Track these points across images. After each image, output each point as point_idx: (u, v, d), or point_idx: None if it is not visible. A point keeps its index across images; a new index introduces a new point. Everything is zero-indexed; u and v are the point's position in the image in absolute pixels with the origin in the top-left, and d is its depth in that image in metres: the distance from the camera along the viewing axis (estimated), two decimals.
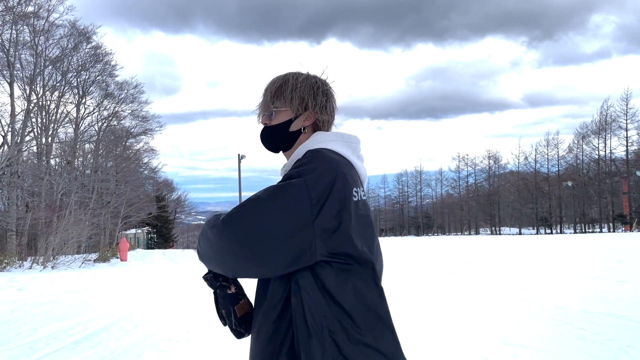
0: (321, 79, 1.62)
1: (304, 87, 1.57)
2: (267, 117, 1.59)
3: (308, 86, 1.58)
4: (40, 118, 28.52)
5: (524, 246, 21.04)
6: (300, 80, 1.58)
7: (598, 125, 53.31)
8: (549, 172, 60.20)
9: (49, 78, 28.42)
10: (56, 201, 23.63)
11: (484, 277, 10.71)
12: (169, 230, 44.47)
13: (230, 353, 4.99)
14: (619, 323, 5.78)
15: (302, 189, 1.31)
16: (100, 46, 30.45)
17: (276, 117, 1.57)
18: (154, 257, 24.13)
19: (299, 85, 1.57)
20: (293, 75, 1.59)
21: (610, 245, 18.29)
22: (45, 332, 6.15)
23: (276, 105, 1.57)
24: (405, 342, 1.74)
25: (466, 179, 73.03)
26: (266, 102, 1.59)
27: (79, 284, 11.54)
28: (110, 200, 31.23)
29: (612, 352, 4.61)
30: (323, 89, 1.60)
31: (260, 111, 1.62)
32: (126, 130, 35.36)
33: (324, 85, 1.61)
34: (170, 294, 9.77)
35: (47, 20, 26.14)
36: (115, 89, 33.07)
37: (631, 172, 50.50)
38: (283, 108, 1.56)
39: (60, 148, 30.79)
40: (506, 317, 6.37)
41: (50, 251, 19.26)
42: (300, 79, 1.58)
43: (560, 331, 5.53)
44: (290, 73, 1.61)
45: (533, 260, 14.03)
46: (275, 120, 1.57)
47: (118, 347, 5.34)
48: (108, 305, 8.34)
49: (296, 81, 1.57)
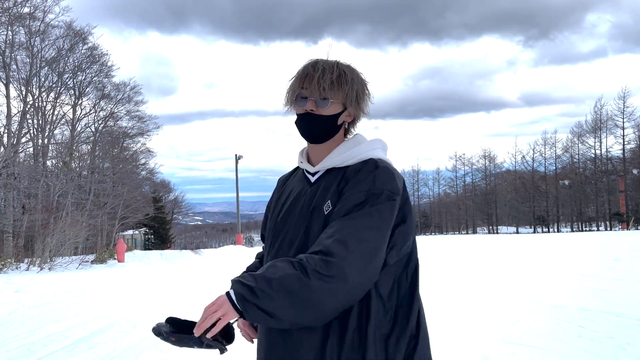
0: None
1: (359, 83, 1.54)
2: (317, 104, 1.49)
3: (362, 82, 1.55)
4: (37, 119, 28.43)
5: (521, 245, 21.07)
6: (356, 74, 1.54)
7: (593, 124, 53.46)
8: (546, 170, 60.36)
9: (45, 79, 28.34)
10: (53, 202, 23.57)
11: (482, 275, 10.72)
12: (166, 231, 44.39)
13: (229, 353, 4.98)
14: (618, 321, 5.78)
15: (395, 207, 1.38)
16: (97, 47, 30.39)
17: (330, 107, 1.51)
18: (152, 258, 24.06)
19: (356, 79, 1.53)
20: (348, 67, 1.53)
21: (608, 243, 18.33)
22: (43, 334, 6.12)
23: (332, 95, 1.49)
24: None
25: (463, 178, 73.19)
26: (319, 89, 1.47)
27: (76, 285, 11.50)
28: (107, 202, 31.15)
29: (611, 350, 4.62)
30: (368, 88, 1.58)
31: (307, 95, 1.50)
32: (123, 131, 35.29)
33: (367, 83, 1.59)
34: (168, 295, 9.75)
35: (43, 22, 26.07)
36: (111, 89, 33.02)
37: (628, 170, 50.65)
38: (337, 100, 1.51)
39: (56, 149, 30.71)
40: (505, 316, 6.37)
41: (47, 253, 19.20)
42: (355, 73, 1.54)
43: (559, 329, 5.53)
44: (341, 62, 1.53)
45: (531, 259, 14.06)
46: (328, 111, 1.50)
47: (116, 348, 5.32)
48: (106, 306, 8.31)
49: (353, 74, 1.53)
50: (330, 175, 1.52)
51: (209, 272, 15.53)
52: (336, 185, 1.47)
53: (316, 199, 1.48)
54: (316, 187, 1.52)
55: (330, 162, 1.52)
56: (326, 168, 1.53)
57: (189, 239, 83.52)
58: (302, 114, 1.52)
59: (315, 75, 1.47)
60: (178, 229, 70.47)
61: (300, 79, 1.51)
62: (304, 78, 1.50)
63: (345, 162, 1.50)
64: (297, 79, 1.52)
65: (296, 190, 1.59)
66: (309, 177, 1.57)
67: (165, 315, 1.46)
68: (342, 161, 1.50)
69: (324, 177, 1.53)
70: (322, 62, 1.51)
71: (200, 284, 11.67)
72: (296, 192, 1.57)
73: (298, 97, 1.52)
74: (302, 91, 1.50)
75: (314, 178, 1.55)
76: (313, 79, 1.47)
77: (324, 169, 1.54)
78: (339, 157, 1.51)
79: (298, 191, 1.57)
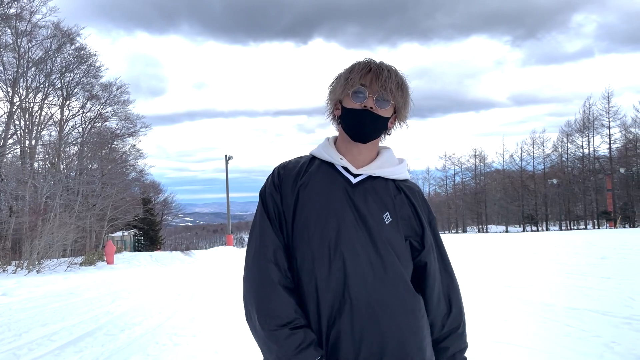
0: None
1: (409, 93, 1.56)
2: (376, 103, 1.48)
3: (410, 94, 1.56)
4: (24, 120, 28.12)
5: (510, 244, 21.20)
6: (408, 85, 1.56)
7: (581, 123, 53.95)
8: (534, 170, 60.76)
9: (32, 80, 28.04)
10: (40, 204, 23.32)
11: (471, 274, 10.77)
12: (156, 232, 44.06)
13: (218, 356, 4.96)
14: (604, 319, 5.83)
15: None
16: (84, 47, 30.13)
17: (388, 109, 1.51)
18: (141, 259, 23.92)
19: (408, 89, 1.55)
20: (403, 75, 1.54)
21: (595, 241, 18.50)
22: (29, 338, 6.06)
23: (394, 98, 1.50)
24: None
25: (453, 178, 73.46)
26: (385, 88, 1.47)
27: (64, 288, 11.39)
28: (96, 203, 30.88)
29: (598, 349, 4.66)
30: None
31: (368, 92, 1.48)
32: (111, 132, 35.02)
33: None
34: (157, 297, 9.69)
35: (30, 22, 25.80)
36: (99, 90, 32.75)
37: (615, 169, 51.14)
38: (393, 102, 1.51)
39: (44, 151, 30.41)
40: (493, 315, 6.40)
41: (35, 255, 19.01)
42: (407, 84, 1.55)
43: (547, 328, 5.57)
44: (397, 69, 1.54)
45: (520, 258, 14.15)
46: (386, 112, 1.51)
47: (104, 352, 5.27)
48: (94, 309, 8.25)
49: (407, 83, 1.55)
50: (376, 182, 1.52)
51: (199, 273, 15.47)
52: (391, 197, 1.51)
53: (370, 206, 1.47)
54: (361, 190, 1.49)
55: (381, 172, 1.53)
56: (374, 175, 1.53)
57: (179, 240, 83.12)
58: (359, 110, 1.48)
59: (382, 75, 1.47)
60: (168, 230, 70.06)
61: (363, 74, 1.48)
62: (367, 74, 1.48)
63: (392, 175, 1.54)
64: (357, 73, 1.49)
65: (335, 189, 1.49)
66: (349, 177, 1.52)
67: (152, 319, 1.44)
68: (390, 174, 1.53)
69: (368, 181, 1.51)
70: (385, 64, 1.51)
71: (190, 286, 11.62)
72: (340, 193, 1.49)
73: (356, 92, 1.48)
74: (361, 87, 1.48)
75: (355, 179, 1.51)
76: (380, 78, 1.47)
77: (369, 174, 1.53)
78: (390, 169, 1.54)
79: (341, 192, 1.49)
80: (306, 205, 1.48)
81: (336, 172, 1.52)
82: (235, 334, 5.70)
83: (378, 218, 1.45)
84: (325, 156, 1.55)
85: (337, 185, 1.49)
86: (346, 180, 1.50)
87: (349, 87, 1.48)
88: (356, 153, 1.53)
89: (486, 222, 66.57)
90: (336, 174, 1.52)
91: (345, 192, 1.48)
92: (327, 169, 1.53)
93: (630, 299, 6.93)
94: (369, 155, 1.55)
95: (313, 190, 1.49)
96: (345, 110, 1.51)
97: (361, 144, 1.52)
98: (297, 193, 1.50)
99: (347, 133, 1.52)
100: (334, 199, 1.47)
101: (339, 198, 1.47)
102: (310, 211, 1.47)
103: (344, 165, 1.52)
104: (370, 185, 1.50)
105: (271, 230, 1.49)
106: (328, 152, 1.55)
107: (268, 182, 1.57)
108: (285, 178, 1.54)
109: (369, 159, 1.55)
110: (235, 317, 6.69)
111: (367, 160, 1.54)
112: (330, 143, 1.58)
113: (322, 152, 1.57)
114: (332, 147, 1.57)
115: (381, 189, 1.50)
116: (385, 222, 1.45)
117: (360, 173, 1.51)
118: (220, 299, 8.93)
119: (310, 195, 1.49)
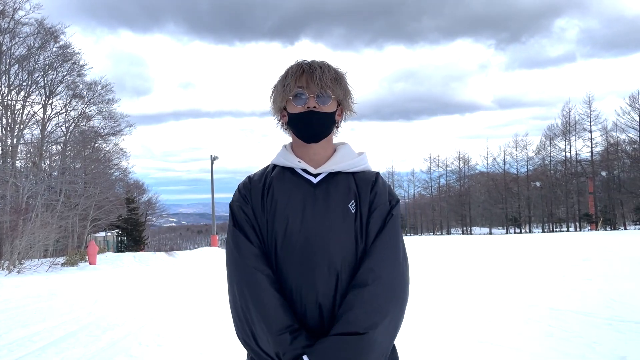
0: None
1: (347, 82, 1.57)
2: (317, 101, 1.49)
3: (346, 80, 1.58)
4: (5, 118, 27.68)
5: (494, 245, 21.39)
6: (345, 74, 1.57)
7: (562, 127, 54.69)
8: (517, 172, 61.41)
9: (14, 77, 27.63)
10: (22, 204, 22.96)
11: (455, 276, 10.84)
12: (139, 232, 43.64)
13: (203, 357, 4.92)
14: (586, 320, 5.90)
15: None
16: (68, 45, 29.75)
17: (331, 104, 1.53)
18: (125, 260, 23.67)
19: (345, 78, 1.56)
20: (336, 66, 1.56)
21: (577, 243, 18.75)
22: (10, 339, 5.96)
23: (334, 92, 1.51)
24: None
25: (438, 180, 73.90)
26: (321, 85, 1.48)
27: (45, 289, 11.23)
28: (79, 203, 30.50)
29: (580, 349, 4.71)
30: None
31: (307, 93, 1.49)
32: (95, 131, 34.61)
33: None
34: (140, 298, 9.59)
35: (13, 19, 25.42)
36: (83, 89, 32.34)
37: (596, 172, 51.91)
38: (334, 97, 1.53)
39: (26, 150, 29.96)
40: (477, 315, 6.45)
41: (15, 255, 18.71)
42: (342, 73, 1.57)
43: (530, 328, 5.62)
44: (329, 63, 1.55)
45: (503, 259, 14.27)
46: (329, 108, 1.52)
47: (86, 353, 5.20)
48: (76, 310, 8.14)
49: (342, 73, 1.56)
50: (338, 177, 1.54)
51: (182, 274, 15.36)
52: (352, 187, 1.52)
53: (334, 200, 1.50)
54: (324, 188, 1.52)
55: (339, 167, 1.55)
56: (333, 171, 1.55)
57: (163, 241, 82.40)
58: (304, 112, 1.50)
59: (316, 73, 1.48)
60: (152, 231, 69.46)
61: (297, 77, 1.50)
62: (301, 76, 1.50)
63: (352, 168, 1.56)
64: (292, 77, 1.50)
65: (297, 193, 1.51)
66: (309, 177, 1.54)
67: (136, 319, 1.42)
68: (349, 167, 1.55)
69: (329, 178, 1.54)
70: (316, 61, 1.53)
71: (174, 286, 11.53)
72: (300, 195, 1.50)
73: (296, 96, 1.50)
74: (299, 90, 1.49)
75: (316, 179, 1.53)
76: (314, 76, 1.48)
77: (329, 171, 1.55)
78: (347, 163, 1.56)
79: (302, 194, 1.51)
80: (273, 213, 1.50)
81: (297, 176, 1.55)
82: (220, 335, 5.66)
83: (343, 209, 1.49)
84: (285, 162, 1.58)
85: (299, 188, 1.52)
86: (307, 182, 1.53)
87: (288, 93, 1.51)
88: (312, 154, 1.56)
89: (470, 224, 67.10)
90: (297, 177, 1.55)
91: (307, 192, 1.51)
92: (288, 174, 1.56)
93: (611, 300, 7.02)
94: (324, 153, 1.57)
95: (277, 197, 1.51)
96: (291, 115, 1.53)
97: (315, 144, 1.55)
98: (264, 203, 1.52)
99: (298, 136, 1.55)
100: (297, 201, 1.50)
101: (300, 200, 1.50)
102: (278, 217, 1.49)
103: (303, 168, 1.55)
104: (333, 181, 1.53)
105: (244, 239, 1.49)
106: (286, 158, 1.58)
107: (236, 196, 1.59)
108: (252, 189, 1.56)
109: (326, 157, 1.57)
110: (220, 318, 6.65)
111: (324, 158, 1.57)
112: (287, 149, 1.61)
113: (281, 159, 1.60)
114: (289, 152, 1.59)
115: (342, 182, 1.53)
116: (351, 211, 1.49)
117: (320, 172, 1.54)
118: (204, 300, 8.87)
119: (275, 202, 1.51)
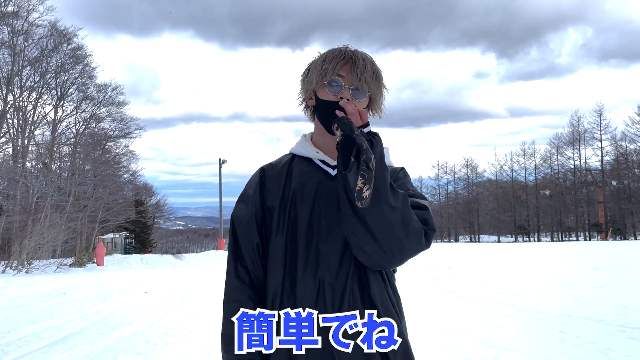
0: None
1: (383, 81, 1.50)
2: (352, 93, 1.41)
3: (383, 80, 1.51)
4: (17, 119, 27.96)
5: (502, 253, 21.23)
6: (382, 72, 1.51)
7: (570, 136, 54.36)
8: (526, 180, 61.04)
9: (26, 79, 27.92)
10: (31, 204, 23.11)
11: (464, 282, 10.75)
12: (147, 235, 43.82)
13: (210, 356, 4.90)
14: (598, 327, 5.82)
15: None
16: (81, 47, 30.03)
17: (364, 100, 1.46)
18: (132, 262, 23.74)
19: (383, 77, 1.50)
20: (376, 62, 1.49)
21: (587, 252, 18.55)
22: (18, 335, 5.97)
23: (370, 88, 1.44)
24: None
25: (446, 187, 73.61)
26: (360, 78, 1.40)
27: (53, 288, 11.27)
28: (88, 204, 30.66)
29: (593, 355, 4.64)
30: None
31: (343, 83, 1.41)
32: (105, 133, 34.85)
33: None
34: (147, 299, 9.59)
35: (27, 20, 25.71)
36: (94, 90, 32.61)
37: (606, 181, 51.48)
38: (369, 93, 1.46)
39: (36, 150, 30.21)
40: (487, 320, 6.38)
41: (24, 255, 18.81)
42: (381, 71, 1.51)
43: (541, 334, 5.55)
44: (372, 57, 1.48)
45: (512, 267, 14.15)
46: (361, 104, 1.45)
47: (93, 350, 5.20)
48: (84, 308, 8.15)
49: (381, 72, 1.50)
50: None
51: (189, 276, 15.36)
52: None
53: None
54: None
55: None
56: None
57: (170, 244, 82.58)
58: (335, 102, 1.39)
59: (358, 64, 1.40)
60: (159, 233, 69.66)
61: (338, 63, 1.41)
62: (342, 64, 1.41)
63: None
64: (331, 62, 1.41)
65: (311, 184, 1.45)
66: (328, 169, 1.47)
67: (143, 318, 1.40)
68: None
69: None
70: (359, 52, 1.45)
71: (182, 288, 11.52)
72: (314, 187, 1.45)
73: (331, 83, 1.42)
74: (337, 77, 1.41)
75: (335, 171, 1.45)
76: (355, 67, 1.40)
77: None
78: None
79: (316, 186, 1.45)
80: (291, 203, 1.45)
81: (315, 167, 1.50)
82: None
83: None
84: (303, 152, 1.53)
85: (315, 180, 1.46)
86: (325, 173, 1.47)
87: (324, 78, 1.42)
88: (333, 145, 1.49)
89: (478, 232, 66.71)
90: (315, 168, 1.49)
91: (324, 184, 1.44)
92: (306, 165, 1.51)
93: (624, 307, 6.92)
94: None
95: (294, 186, 1.46)
96: (320, 101, 1.45)
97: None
98: (282, 192, 1.47)
99: (324, 125, 1.47)
100: (312, 193, 1.44)
101: (315, 191, 1.44)
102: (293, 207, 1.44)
103: (321, 159, 1.49)
104: None
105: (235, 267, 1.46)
106: (305, 148, 1.53)
107: (238, 206, 1.52)
108: (270, 177, 1.52)
109: None
110: None
111: None
112: (307, 139, 1.56)
113: (299, 149, 1.54)
114: (308, 142, 1.54)
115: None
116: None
117: None
118: (211, 301, 8.85)
119: (292, 192, 1.46)
